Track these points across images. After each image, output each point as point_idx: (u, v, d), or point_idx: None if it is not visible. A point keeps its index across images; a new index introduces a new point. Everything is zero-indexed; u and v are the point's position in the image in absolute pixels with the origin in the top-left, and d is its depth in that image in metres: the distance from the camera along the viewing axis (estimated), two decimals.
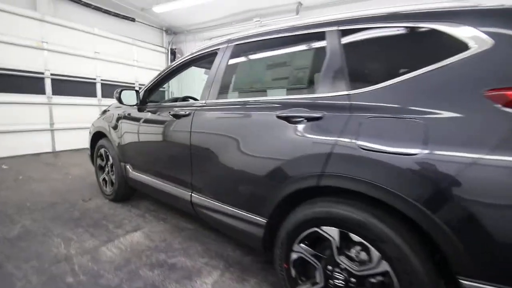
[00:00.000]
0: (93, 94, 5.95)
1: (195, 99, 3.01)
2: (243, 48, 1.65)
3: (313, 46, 1.34)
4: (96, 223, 2.25)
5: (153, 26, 7.26)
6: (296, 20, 1.40)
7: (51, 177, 3.59)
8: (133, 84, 6.77)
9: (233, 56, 1.68)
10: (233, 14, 6.18)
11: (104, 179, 2.83)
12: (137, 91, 2.32)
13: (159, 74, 2.27)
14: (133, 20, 6.65)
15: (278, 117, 1.25)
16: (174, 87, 7.79)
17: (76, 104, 5.59)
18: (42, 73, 5.03)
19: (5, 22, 4.46)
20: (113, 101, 2.59)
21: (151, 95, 2.43)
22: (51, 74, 5.16)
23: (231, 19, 6.44)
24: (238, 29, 6.45)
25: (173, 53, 7.65)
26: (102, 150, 2.78)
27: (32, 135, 4.96)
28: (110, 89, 6.16)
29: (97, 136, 2.87)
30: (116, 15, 6.30)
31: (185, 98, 2.86)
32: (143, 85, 7.26)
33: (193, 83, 7.55)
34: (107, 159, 2.71)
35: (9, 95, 4.58)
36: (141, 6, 6.10)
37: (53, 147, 5.29)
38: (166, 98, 7.65)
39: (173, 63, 2.17)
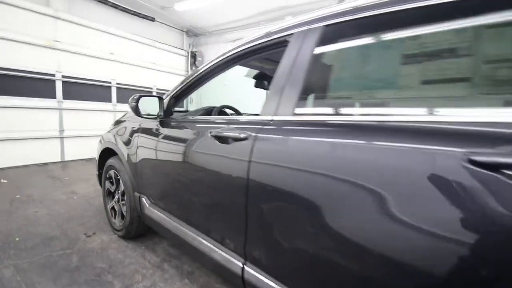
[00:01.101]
0: (108, 99, 5.47)
1: (235, 110, 2.37)
2: (343, 29, 0.98)
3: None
4: (97, 278, 1.62)
5: (173, 27, 6.79)
6: None
7: (53, 196, 3.03)
8: (151, 89, 6.28)
9: (322, 42, 1.01)
10: (261, 13, 5.59)
11: (113, 208, 2.21)
12: (160, 98, 1.70)
13: (190, 76, 1.64)
14: (152, 19, 6.18)
15: None
16: (193, 93, 7.25)
17: (89, 109, 5.11)
18: (53, 75, 4.57)
19: (12, 17, 4.02)
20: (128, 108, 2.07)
21: (177, 103, 1.81)
22: (63, 76, 4.69)
23: (258, 19, 5.85)
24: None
25: (194, 56, 7.14)
26: (111, 172, 2.17)
27: (40, 143, 4.48)
28: (126, 93, 5.67)
29: (107, 153, 2.27)
30: (135, 14, 5.84)
31: (223, 109, 2.22)
32: (162, 90, 6.93)
33: (213, 89, 7.02)
34: (118, 184, 2.10)
35: (14, 99, 4.13)
36: (162, 4, 5.61)
37: (62, 156, 4.79)
38: (185, 106, 7.13)
39: (210, 62, 1.53)
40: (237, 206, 1.07)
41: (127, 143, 1.95)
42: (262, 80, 2.22)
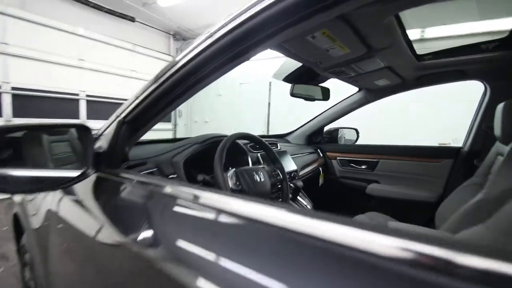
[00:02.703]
0: (74, 115, 4.43)
1: (255, 140, 1.39)
2: None
3: None
4: None
5: (158, 29, 5.85)
6: None
7: None
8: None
9: None
10: None
11: None
12: (81, 129, 0.73)
13: (158, 80, 0.69)
14: (132, 19, 5.23)
15: None
16: (182, 105, 6.25)
17: None
18: None
19: None
20: (102, 123, 1.08)
21: (139, 131, 0.86)
22: (13, 88, 3.65)
23: None
24: None
25: None
26: (27, 256, 1.18)
27: None
28: (100, 107, 4.65)
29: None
30: (110, 12, 4.87)
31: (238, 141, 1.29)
32: None
33: (205, 99, 6.05)
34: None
35: None
36: (143, 0, 4.68)
37: None
38: (173, 120, 6.10)
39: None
40: None
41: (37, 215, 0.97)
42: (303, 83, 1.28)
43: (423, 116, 3.67)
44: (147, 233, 0.56)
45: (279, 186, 1.15)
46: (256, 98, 5.36)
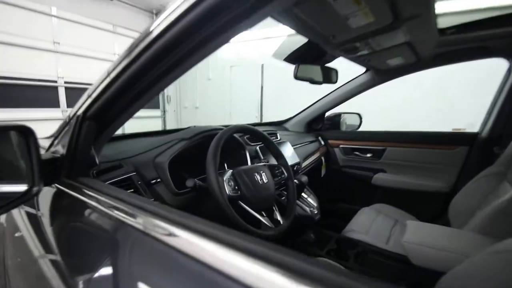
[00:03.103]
0: (55, 103, 4.11)
1: (256, 133, 1.21)
2: None
3: None
4: None
5: (139, 8, 5.41)
6: None
7: None
8: None
9: None
10: None
11: None
12: (27, 132, 0.53)
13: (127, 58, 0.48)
14: None
15: None
16: (171, 88, 5.95)
17: (29, 119, 3.74)
18: None
19: None
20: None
21: (109, 125, 0.66)
22: None
23: None
24: None
25: None
26: None
27: None
28: (81, 94, 4.32)
29: None
30: None
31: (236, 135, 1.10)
32: None
33: (194, 84, 5.75)
34: None
35: None
36: None
37: None
38: (161, 106, 5.79)
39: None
40: None
41: None
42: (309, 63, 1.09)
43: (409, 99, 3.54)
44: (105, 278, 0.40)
45: (284, 186, 0.99)
46: (248, 82, 5.10)
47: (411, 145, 1.62)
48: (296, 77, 1.03)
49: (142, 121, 5.35)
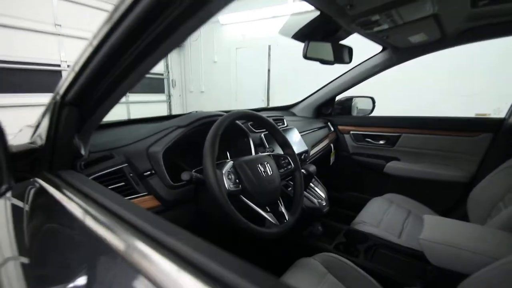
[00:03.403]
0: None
1: (261, 120, 1.11)
2: None
3: None
4: None
5: None
6: None
7: None
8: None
9: None
10: None
11: None
12: None
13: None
14: None
15: None
16: (175, 72, 5.82)
17: (30, 104, 3.72)
18: None
19: None
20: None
21: (96, 109, 0.58)
22: None
23: None
24: None
25: None
26: None
27: None
28: None
29: None
30: None
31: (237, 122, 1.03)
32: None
33: (199, 67, 5.61)
34: None
35: None
36: None
37: None
38: (166, 90, 5.69)
39: None
40: None
41: None
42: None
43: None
44: None
45: (290, 177, 0.91)
46: (255, 64, 4.92)
47: (428, 132, 1.51)
48: (306, 56, 0.92)
49: (147, 105, 5.29)
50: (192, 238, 0.30)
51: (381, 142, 1.65)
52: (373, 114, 1.83)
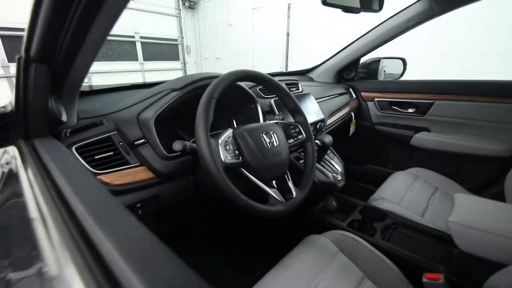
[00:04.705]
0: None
1: (266, 81, 0.97)
2: None
3: None
4: None
5: None
6: None
7: None
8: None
9: None
10: None
11: None
12: None
13: None
14: None
15: None
16: (190, 38, 5.57)
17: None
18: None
19: None
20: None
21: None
22: None
23: None
24: None
25: None
26: None
27: None
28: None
29: None
30: None
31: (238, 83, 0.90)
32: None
33: (214, 32, 5.34)
34: None
35: None
36: None
37: None
38: (181, 57, 5.51)
39: None
40: None
41: None
42: None
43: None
44: None
45: (302, 149, 0.81)
46: (273, 27, 4.57)
47: (467, 98, 1.30)
48: (325, 2, 0.75)
49: (163, 73, 5.19)
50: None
51: (410, 110, 1.47)
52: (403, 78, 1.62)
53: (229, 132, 0.64)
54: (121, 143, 0.64)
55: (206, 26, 5.36)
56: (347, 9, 0.81)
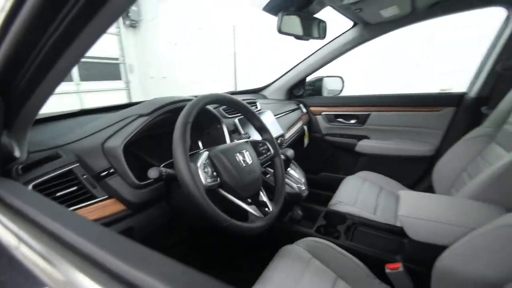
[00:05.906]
0: (68, 77, 3.79)
1: (242, 105, 1.00)
2: None
3: None
4: None
5: None
6: None
7: None
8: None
9: None
10: None
11: None
12: None
13: None
14: None
15: None
16: (132, 56, 5.33)
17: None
18: None
19: None
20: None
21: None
22: None
23: None
24: None
25: None
26: None
27: None
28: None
29: None
30: None
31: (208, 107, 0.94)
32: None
33: (160, 50, 5.21)
34: None
35: None
36: None
37: None
38: (123, 76, 5.21)
39: None
40: None
41: None
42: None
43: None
44: None
45: (269, 163, 0.85)
46: (220, 47, 4.69)
47: (395, 109, 1.54)
48: (280, 30, 0.84)
49: (104, 94, 4.81)
50: (168, 265, 0.23)
51: (352, 121, 1.67)
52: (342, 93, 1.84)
53: (205, 154, 0.65)
54: (84, 176, 0.59)
55: (152, 44, 5.21)
56: (298, 37, 0.92)
